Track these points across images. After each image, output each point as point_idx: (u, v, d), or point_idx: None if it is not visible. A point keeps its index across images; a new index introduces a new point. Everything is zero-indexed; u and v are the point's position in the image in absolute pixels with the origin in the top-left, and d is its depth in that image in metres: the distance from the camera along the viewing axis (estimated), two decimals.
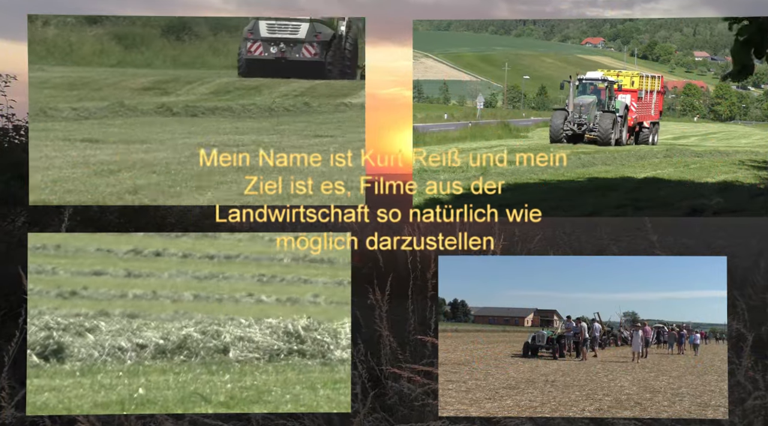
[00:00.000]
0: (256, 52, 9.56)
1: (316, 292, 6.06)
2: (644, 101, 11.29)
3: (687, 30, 14.01)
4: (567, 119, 10.88)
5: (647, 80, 11.37)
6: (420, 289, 6.11)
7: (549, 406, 4.50)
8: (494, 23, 12.32)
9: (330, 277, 5.48)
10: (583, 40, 14.18)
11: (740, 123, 11.56)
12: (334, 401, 4.68)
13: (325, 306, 5.79)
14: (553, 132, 10.71)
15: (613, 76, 11.45)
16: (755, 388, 4.81)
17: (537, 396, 4.62)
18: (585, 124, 10.86)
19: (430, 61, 14.73)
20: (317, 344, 5.15)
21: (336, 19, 10.51)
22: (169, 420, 4.57)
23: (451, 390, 4.63)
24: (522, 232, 7.52)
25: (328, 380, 4.85)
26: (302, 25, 9.69)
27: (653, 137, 11.13)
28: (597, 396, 4.65)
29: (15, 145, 7.96)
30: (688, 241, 10.21)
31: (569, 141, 10.76)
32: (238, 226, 8.73)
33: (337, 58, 10.02)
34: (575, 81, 11.60)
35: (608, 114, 10.89)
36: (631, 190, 6.74)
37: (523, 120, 12.38)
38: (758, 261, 8.60)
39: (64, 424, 4.76)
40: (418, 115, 10.98)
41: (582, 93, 11.58)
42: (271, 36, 9.62)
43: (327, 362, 5.03)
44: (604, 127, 10.70)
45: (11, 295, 6.09)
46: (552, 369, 5.18)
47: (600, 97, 11.37)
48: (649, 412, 4.51)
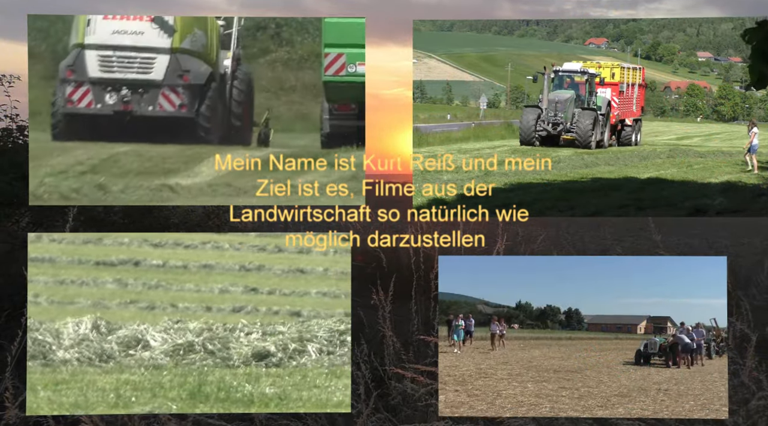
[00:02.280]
0: (82, 103, 6.57)
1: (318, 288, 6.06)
2: (626, 96, 10.23)
3: (690, 30, 13.98)
4: (540, 118, 9.74)
5: (628, 72, 10.34)
6: (423, 289, 6.11)
7: (662, 415, 4.47)
8: (497, 24, 12.30)
9: (331, 276, 5.47)
10: (586, 40, 14.15)
11: (743, 123, 11.39)
12: (336, 401, 4.69)
13: (328, 299, 5.78)
14: (523, 132, 9.59)
15: (594, 68, 10.40)
16: (759, 388, 4.79)
17: (649, 405, 4.55)
18: (561, 123, 9.67)
19: (433, 61, 14.73)
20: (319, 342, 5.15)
21: (213, 27, 6.95)
22: (173, 420, 4.57)
23: (564, 396, 4.61)
24: (526, 233, 7.53)
25: (330, 380, 4.85)
26: (158, 59, 6.40)
27: (636, 136, 10.01)
28: (714, 406, 4.55)
29: (19, 146, 7.97)
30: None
31: (543, 143, 9.58)
32: (241, 227, 8.75)
33: (217, 112, 6.76)
34: (550, 73, 10.60)
35: (588, 112, 9.75)
36: (634, 191, 6.74)
37: None
38: (762, 261, 8.58)
39: (68, 424, 4.77)
40: (421, 115, 10.97)
41: (558, 87, 10.51)
42: (107, 76, 6.45)
43: (328, 361, 5.03)
44: (584, 126, 9.47)
45: (15, 296, 6.10)
46: (665, 377, 5.06)
47: (579, 92, 10.26)
48: None
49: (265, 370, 4.95)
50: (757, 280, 7.73)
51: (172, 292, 6.19)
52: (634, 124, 9.99)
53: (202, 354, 5.05)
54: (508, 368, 5.17)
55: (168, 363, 4.98)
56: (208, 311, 5.80)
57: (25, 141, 7.97)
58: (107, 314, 5.59)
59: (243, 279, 6.44)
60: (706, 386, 4.83)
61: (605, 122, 9.74)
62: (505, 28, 15.41)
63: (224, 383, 4.77)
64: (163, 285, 6.29)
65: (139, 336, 5.14)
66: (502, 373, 5.10)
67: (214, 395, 4.66)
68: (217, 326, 5.25)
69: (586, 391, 4.70)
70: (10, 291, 6.41)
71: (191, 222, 8.77)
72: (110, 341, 5.09)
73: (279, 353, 5.08)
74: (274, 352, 5.07)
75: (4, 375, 4.74)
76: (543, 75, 10.51)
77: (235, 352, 5.06)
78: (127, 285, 6.11)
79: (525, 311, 5.31)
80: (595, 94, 10.12)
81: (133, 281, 6.19)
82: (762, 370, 4.86)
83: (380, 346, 5.50)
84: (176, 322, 5.33)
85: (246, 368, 4.96)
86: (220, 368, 4.95)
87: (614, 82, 10.08)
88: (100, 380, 4.79)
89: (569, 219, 10.46)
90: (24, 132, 8.04)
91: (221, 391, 4.70)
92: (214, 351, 5.06)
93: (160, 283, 6.31)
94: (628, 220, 9.22)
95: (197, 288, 6.30)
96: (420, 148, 6.56)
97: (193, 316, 5.56)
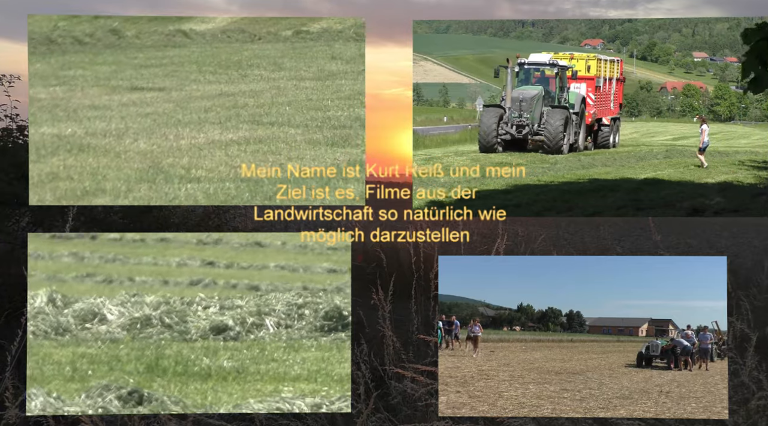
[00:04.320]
0: None
1: None
2: (603, 92, 9.03)
3: (686, 31, 14.01)
4: (503, 119, 8.45)
5: (606, 65, 9.13)
6: (423, 289, 6.12)
7: (663, 417, 4.48)
8: (493, 25, 12.27)
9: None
10: (582, 41, 14.15)
11: (740, 123, 11.39)
12: (294, 375, 4.64)
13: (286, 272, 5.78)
14: (482, 137, 8.22)
15: (566, 60, 9.05)
16: (759, 388, 4.81)
17: (651, 407, 4.56)
18: (527, 124, 8.31)
19: (429, 63, 14.73)
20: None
21: None
22: (173, 420, 4.56)
23: (566, 398, 4.62)
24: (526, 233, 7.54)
25: (289, 354, 4.83)
26: None
27: (614, 137, 8.92)
28: (716, 409, 4.56)
29: (19, 146, 7.96)
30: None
31: (507, 148, 8.26)
32: (242, 227, 8.74)
33: None
34: (514, 66, 9.18)
35: (558, 110, 8.42)
36: (632, 191, 6.76)
37: None
38: (762, 261, 8.59)
39: (68, 423, 4.76)
40: (418, 117, 10.98)
41: (524, 82, 9.13)
42: None
43: (286, 335, 5.02)
44: (553, 128, 8.10)
45: (15, 296, 6.09)
46: (666, 379, 5.08)
47: (548, 87, 8.89)
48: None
49: (223, 344, 4.94)
50: (757, 280, 7.75)
51: (130, 266, 6.14)
52: (612, 123, 8.99)
53: (159, 327, 5.01)
54: (510, 370, 5.18)
55: (125, 336, 4.95)
56: (165, 285, 5.77)
57: (26, 141, 7.97)
58: (63, 288, 5.54)
59: (200, 252, 6.39)
60: (708, 388, 4.84)
61: (579, 122, 8.56)
62: (501, 30, 15.42)
63: (182, 357, 4.75)
64: (120, 258, 6.25)
65: (95, 309, 5.11)
66: (504, 374, 5.11)
67: (171, 369, 4.64)
68: (174, 300, 5.22)
69: (588, 393, 4.71)
70: (10, 291, 6.40)
71: (191, 222, 8.77)
72: (66, 315, 5.05)
73: (237, 327, 5.05)
74: (231, 325, 5.05)
75: (4, 375, 4.73)
76: (506, 69, 9.12)
77: (192, 326, 5.03)
78: (83, 259, 6.05)
79: (526, 313, 5.32)
80: (567, 90, 8.90)
81: (89, 254, 6.14)
82: (762, 370, 4.88)
83: (380, 346, 5.50)
84: (133, 296, 5.30)
85: (204, 342, 4.94)
86: (177, 342, 4.92)
87: (590, 76, 8.95)
88: (56, 353, 4.78)
89: (569, 219, 10.41)
90: (24, 132, 8.03)
91: (178, 365, 4.67)
92: (171, 324, 5.03)
93: (117, 257, 6.26)
94: (628, 221, 9.14)
95: (154, 261, 6.25)
96: (417, 151, 6.57)
97: (150, 290, 5.53)
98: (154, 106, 6.35)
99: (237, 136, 5.60)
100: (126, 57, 6.98)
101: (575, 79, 8.79)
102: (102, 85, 6.71)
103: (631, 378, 5.11)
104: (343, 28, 6.27)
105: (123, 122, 5.91)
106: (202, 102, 6.48)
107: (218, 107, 6.40)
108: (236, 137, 5.59)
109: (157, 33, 6.50)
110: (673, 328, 5.19)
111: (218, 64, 7.25)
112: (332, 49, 7.16)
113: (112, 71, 6.97)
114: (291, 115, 5.97)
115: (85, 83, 6.65)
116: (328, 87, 6.63)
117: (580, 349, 5.40)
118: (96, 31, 6.14)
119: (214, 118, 6.03)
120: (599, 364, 5.42)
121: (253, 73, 7.04)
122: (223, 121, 5.93)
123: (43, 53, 5.11)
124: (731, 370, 4.86)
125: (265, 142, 5.46)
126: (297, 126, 5.74)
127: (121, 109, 6.23)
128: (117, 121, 5.95)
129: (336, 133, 5.52)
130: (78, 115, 6.03)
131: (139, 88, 6.72)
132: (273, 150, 5.27)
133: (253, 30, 6.65)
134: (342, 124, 5.69)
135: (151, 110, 6.24)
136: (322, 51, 7.17)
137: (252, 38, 6.60)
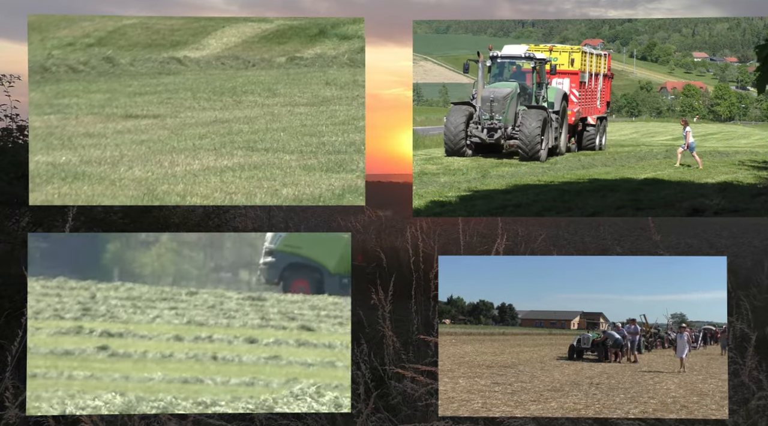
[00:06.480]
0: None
1: None
2: (588, 88, 8.15)
3: (686, 31, 13.99)
4: (472, 120, 7.61)
5: (592, 59, 8.24)
6: (423, 289, 6.13)
7: (593, 409, 4.49)
8: (493, 25, 12.28)
9: None
10: (582, 41, 14.12)
11: (740, 123, 11.36)
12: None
13: None
14: (448, 138, 7.34)
15: (545, 53, 8.01)
16: (759, 388, 4.82)
17: (581, 398, 4.57)
18: (499, 127, 7.33)
19: (429, 63, 14.71)
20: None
21: None
22: (173, 420, 4.57)
23: (497, 392, 4.62)
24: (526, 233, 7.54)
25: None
26: None
27: (600, 139, 8.01)
28: (642, 399, 4.58)
29: (19, 146, 7.97)
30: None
31: (476, 152, 7.26)
32: (242, 227, 8.74)
33: None
34: (486, 60, 8.22)
35: (535, 111, 7.44)
36: (631, 191, 6.76)
37: None
38: (762, 261, 8.59)
39: (68, 423, 4.76)
40: (418, 118, 10.97)
41: (498, 78, 8.15)
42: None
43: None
44: (529, 131, 7.05)
45: (15, 296, 6.09)
46: (597, 372, 5.11)
47: (524, 83, 7.89)
48: (696, 415, 4.45)
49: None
50: (757, 280, 7.75)
51: None
52: (598, 123, 8.10)
53: None
54: (440, 364, 5.19)
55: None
56: None
57: (25, 141, 7.97)
58: None
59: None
60: (636, 380, 4.90)
61: (561, 122, 7.60)
62: (501, 30, 15.41)
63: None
64: None
65: None
66: None
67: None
68: None
69: (520, 386, 4.73)
70: (10, 291, 6.40)
71: (191, 222, 8.78)
72: None
73: None
74: None
75: (4, 375, 4.73)
76: (476, 63, 8.21)
77: None
78: None
79: (457, 306, 5.30)
80: (546, 86, 7.85)
81: None
82: (762, 370, 4.88)
83: (380, 346, 5.50)
84: None
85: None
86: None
87: (573, 71, 8.00)
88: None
89: (569, 219, 10.41)
90: (24, 132, 8.04)
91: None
92: None
93: None
94: (628, 221, 9.13)
95: None
96: (417, 151, 6.57)
97: None
98: (149, 134, 6.41)
99: (232, 162, 5.67)
100: (120, 85, 7.07)
101: (555, 74, 7.84)
102: (96, 112, 6.74)
103: (562, 370, 5.16)
104: (337, 53, 6.34)
105: (118, 150, 5.98)
106: (196, 129, 6.57)
107: (213, 134, 6.49)
108: (231, 163, 5.65)
109: (151, 60, 6.59)
110: (604, 322, 5.24)
111: (212, 91, 7.39)
112: (326, 74, 7.22)
113: (106, 99, 7.00)
114: (286, 141, 6.03)
115: (79, 111, 6.68)
116: (322, 112, 6.71)
117: (512, 342, 5.39)
118: (90, 59, 6.17)
119: (208, 145, 6.10)
120: (531, 357, 5.44)
121: (248, 99, 7.15)
122: (217, 148, 6.01)
123: (38, 82, 5.12)
124: (731, 370, 4.86)
125: (260, 168, 5.51)
126: (292, 152, 5.80)
127: (116, 137, 6.28)
128: (112, 148, 6.01)
129: (331, 158, 5.58)
130: (73, 143, 6.09)
131: (134, 116, 6.74)
132: (268, 176, 5.33)
133: (247, 56, 6.78)
134: (337, 150, 5.79)
135: (146, 137, 6.32)
136: (316, 77, 7.23)
137: (246, 65, 6.73)
